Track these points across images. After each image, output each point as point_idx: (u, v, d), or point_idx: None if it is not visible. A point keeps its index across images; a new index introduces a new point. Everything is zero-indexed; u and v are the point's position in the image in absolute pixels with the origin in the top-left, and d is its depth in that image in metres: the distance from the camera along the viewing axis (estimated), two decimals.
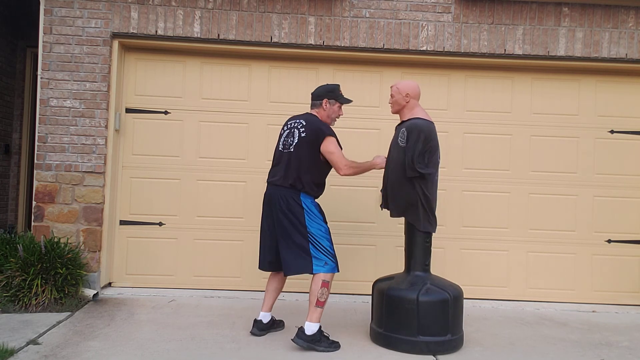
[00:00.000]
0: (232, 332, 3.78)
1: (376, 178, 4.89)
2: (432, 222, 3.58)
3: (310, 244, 3.49)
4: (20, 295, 4.09)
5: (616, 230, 4.98)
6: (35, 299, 4.07)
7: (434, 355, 3.42)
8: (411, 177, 3.49)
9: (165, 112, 4.88)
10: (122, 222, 4.84)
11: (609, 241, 4.97)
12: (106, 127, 4.63)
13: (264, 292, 4.76)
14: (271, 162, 3.78)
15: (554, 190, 4.97)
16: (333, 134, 3.59)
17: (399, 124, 3.70)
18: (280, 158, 3.67)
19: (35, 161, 4.61)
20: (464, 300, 3.71)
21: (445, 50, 4.73)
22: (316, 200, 3.66)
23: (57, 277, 4.16)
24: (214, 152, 4.90)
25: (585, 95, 5.00)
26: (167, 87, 4.89)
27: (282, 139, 3.71)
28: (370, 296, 3.82)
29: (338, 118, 3.80)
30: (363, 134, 4.92)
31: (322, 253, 3.50)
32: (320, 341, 3.43)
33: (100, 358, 3.21)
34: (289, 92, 4.93)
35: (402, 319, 3.45)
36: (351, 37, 4.71)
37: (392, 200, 3.64)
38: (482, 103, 4.98)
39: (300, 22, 4.70)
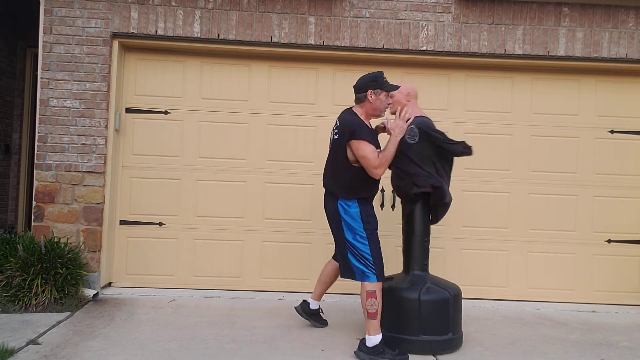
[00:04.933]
0: (232, 332, 3.77)
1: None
2: (438, 176, 3.49)
3: (348, 252, 3.41)
4: (20, 295, 4.08)
5: (616, 230, 4.97)
6: (35, 299, 4.07)
7: (434, 355, 3.43)
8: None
9: (165, 112, 4.88)
10: (122, 222, 4.84)
11: (609, 241, 4.97)
12: (106, 127, 4.63)
13: (263, 292, 4.83)
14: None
15: (554, 190, 4.97)
16: (362, 136, 3.30)
17: None
18: (326, 162, 3.59)
19: (35, 161, 4.61)
20: (464, 300, 3.72)
21: (445, 50, 4.73)
22: (363, 201, 3.42)
23: (57, 277, 4.15)
24: (214, 152, 4.90)
25: (585, 95, 5.00)
26: (167, 87, 4.88)
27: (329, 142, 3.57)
28: None
29: (387, 108, 3.52)
30: None
31: (360, 263, 3.37)
32: (383, 353, 3.28)
33: (100, 358, 3.21)
34: (289, 92, 4.92)
35: (404, 318, 3.45)
36: (351, 37, 4.71)
37: (399, 184, 3.61)
38: (482, 103, 4.97)
39: (300, 22, 4.70)
